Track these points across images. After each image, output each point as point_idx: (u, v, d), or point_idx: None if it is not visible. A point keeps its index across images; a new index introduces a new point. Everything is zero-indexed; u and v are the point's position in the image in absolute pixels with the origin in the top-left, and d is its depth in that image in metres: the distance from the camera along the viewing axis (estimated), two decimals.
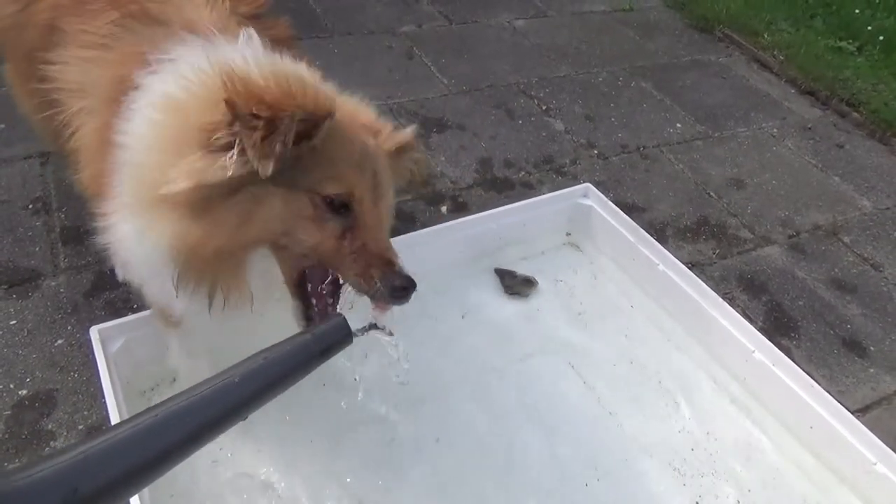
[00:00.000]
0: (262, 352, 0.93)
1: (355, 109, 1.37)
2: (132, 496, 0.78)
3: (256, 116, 1.06)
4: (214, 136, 1.11)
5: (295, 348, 0.95)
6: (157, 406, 0.81)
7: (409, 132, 1.43)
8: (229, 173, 1.10)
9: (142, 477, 0.77)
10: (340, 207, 1.21)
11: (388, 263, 1.21)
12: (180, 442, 0.80)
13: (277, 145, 1.07)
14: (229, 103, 1.08)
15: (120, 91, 1.33)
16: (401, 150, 1.40)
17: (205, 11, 1.52)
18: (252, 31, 1.37)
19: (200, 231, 1.15)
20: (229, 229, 1.16)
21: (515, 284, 2.35)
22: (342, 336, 1.00)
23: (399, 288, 1.20)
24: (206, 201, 1.13)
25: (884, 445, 1.83)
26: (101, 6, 1.50)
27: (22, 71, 1.75)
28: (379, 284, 1.20)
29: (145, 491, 1.47)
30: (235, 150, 1.09)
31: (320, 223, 1.21)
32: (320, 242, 1.22)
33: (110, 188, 1.29)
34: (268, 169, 1.08)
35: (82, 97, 1.43)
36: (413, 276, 1.21)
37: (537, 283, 2.38)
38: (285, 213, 1.19)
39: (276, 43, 1.38)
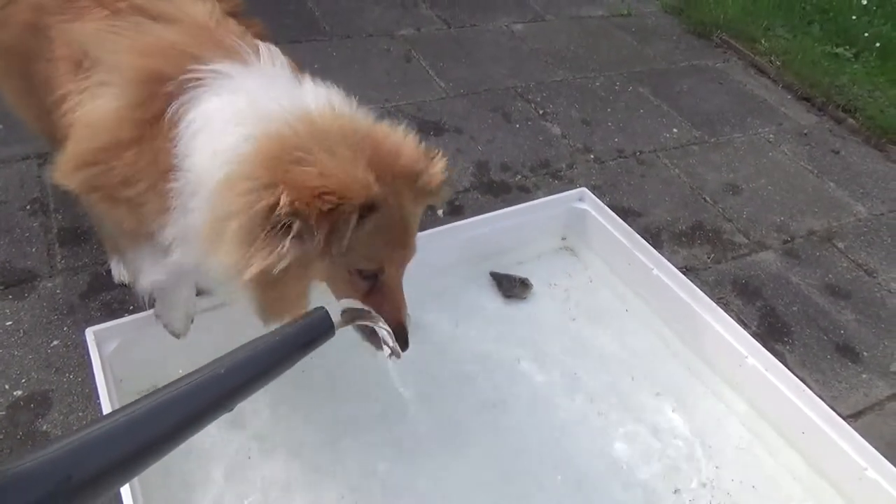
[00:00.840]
0: (247, 344, 0.96)
1: (398, 146, 1.36)
2: (125, 483, 0.80)
3: (320, 215, 1.15)
4: (275, 223, 1.16)
5: (279, 341, 0.99)
6: (148, 396, 0.83)
7: (443, 169, 1.44)
8: (289, 260, 1.18)
9: (133, 465, 0.80)
10: (370, 275, 1.37)
11: (398, 324, 1.41)
12: (170, 431, 0.83)
13: (344, 239, 1.20)
14: (295, 212, 1.14)
15: (154, 87, 1.32)
16: (438, 188, 1.44)
17: (200, 6, 1.52)
18: (272, 48, 1.43)
19: (263, 290, 1.27)
20: (284, 286, 1.27)
21: (513, 288, 2.36)
22: (324, 329, 1.04)
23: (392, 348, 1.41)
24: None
25: (875, 451, 1.84)
26: (89, 3, 1.48)
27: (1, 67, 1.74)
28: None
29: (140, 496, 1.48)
30: (291, 236, 1.18)
31: (353, 285, 1.38)
32: (350, 295, 1.39)
33: (165, 205, 1.33)
34: (342, 250, 1.21)
35: (98, 70, 1.39)
36: (408, 342, 1.43)
37: (532, 285, 2.39)
38: (327, 275, 1.36)
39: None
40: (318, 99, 1.35)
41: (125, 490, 1.42)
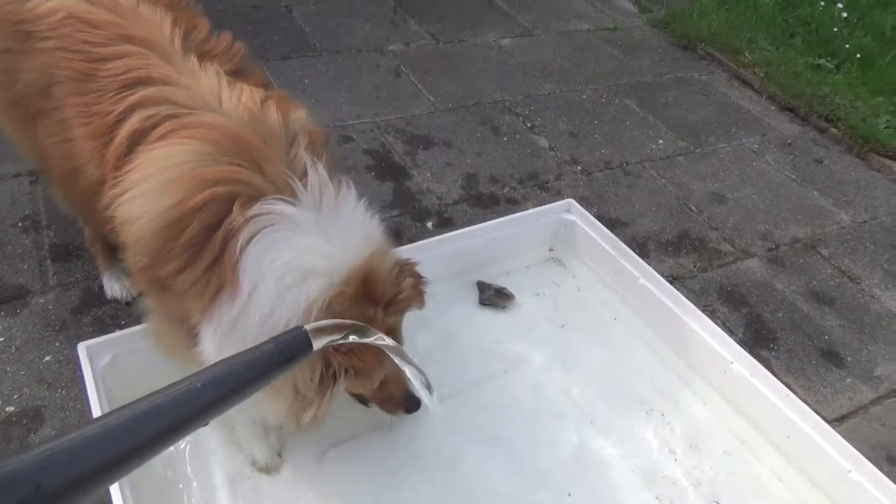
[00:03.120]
0: (225, 359, 0.96)
1: (376, 281, 1.48)
2: (97, 493, 0.80)
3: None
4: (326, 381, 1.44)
5: (258, 357, 0.99)
6: (123, 407, 0.83)
7: (413, 284, 1.59)
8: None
9: (105, 475, 0.79)
10: None
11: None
12: (145, 442, 0.83)
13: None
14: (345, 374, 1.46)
15: (202, 213, 1.37)
16: (411, 303, 1.61)
17: (215, 87, 1.51)
18: (318, 170, 1.46)
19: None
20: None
21: (491, 297, 2.40)
22: (303, 347, 1.06)
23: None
24: None
25: (858, 454, 1.87)
26: (113, 94, 1.48)
27: (9, 115, 1.76)
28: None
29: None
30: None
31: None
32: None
33: (207, 310, 1.45)
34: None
35: (135, 179, 1.43)
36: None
37: (514, 296, 2.42)
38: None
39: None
40: (368, 252, 1.48)
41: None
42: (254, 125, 1.46)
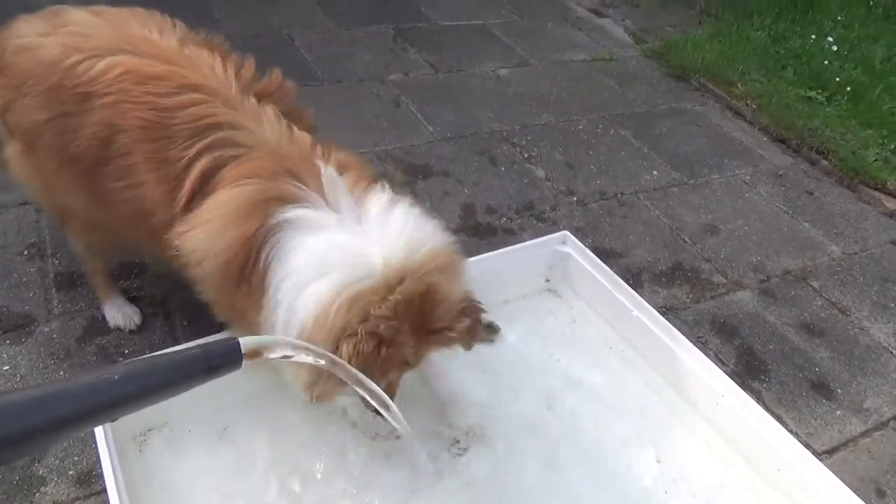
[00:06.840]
0: (149, 356, 0.93)
1: (439, 303, 1.55)
2: None
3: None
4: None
5: (183, 360, 0.95)
6: (26, 388, 0.80)
7: (465, 329, 1.65)
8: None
9: None
10: None
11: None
12: (40, 427, 0.77)
13: None
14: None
15: (250, 246, 1.51)
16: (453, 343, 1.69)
17: (276, 131, 1.65)
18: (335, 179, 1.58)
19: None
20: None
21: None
22: (233, 358, 1.00)
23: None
24: None
25: (846, 487, 1.91)
26: (184, 140, 1.58)
27: (50, 171, 1.82)
28: None
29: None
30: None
31: None
32: None
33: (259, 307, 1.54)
34: None
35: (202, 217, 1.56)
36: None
37: (499, 328, 2.46)
38: None
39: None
40: (386, 244, 1.50)
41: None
42: (296, 151, 1.63)
